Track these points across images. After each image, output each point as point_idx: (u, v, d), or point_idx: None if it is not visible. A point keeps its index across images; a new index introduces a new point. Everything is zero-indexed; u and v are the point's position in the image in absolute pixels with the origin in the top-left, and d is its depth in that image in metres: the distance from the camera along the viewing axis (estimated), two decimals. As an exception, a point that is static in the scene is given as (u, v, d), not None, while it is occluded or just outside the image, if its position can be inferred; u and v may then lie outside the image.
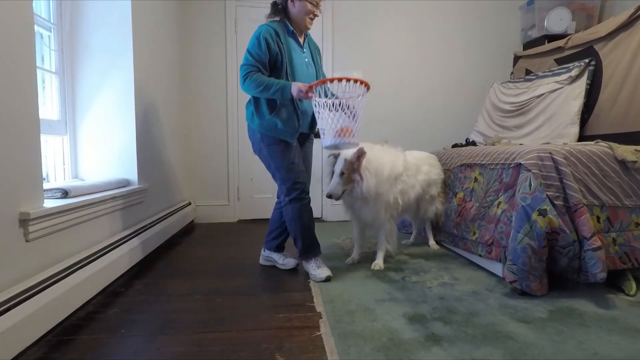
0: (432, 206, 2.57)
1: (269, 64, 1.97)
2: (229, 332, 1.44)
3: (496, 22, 3.88)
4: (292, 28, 2.07)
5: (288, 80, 1.97)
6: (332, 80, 1.88)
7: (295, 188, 2.04)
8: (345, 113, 1.87)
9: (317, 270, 2.03)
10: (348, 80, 1.88)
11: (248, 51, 1.96)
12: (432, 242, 2.66)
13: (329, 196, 2.04)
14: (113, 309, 1.65)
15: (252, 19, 3.57)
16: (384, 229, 2.23)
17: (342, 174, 2.03)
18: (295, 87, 1.88)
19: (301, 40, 2.13)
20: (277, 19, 2.09)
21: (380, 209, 2.16)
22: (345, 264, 2.28)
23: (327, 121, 1.88)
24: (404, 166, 2.30)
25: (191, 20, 3.50)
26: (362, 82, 1.90)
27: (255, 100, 2.05)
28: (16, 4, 1.36)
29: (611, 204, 1.87)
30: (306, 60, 2.12)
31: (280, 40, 2.00)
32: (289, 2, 2.06)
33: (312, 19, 2.10)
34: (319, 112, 1.91)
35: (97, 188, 1.96)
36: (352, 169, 2.03)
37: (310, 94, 1.88)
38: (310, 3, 2.04)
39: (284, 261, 2.24)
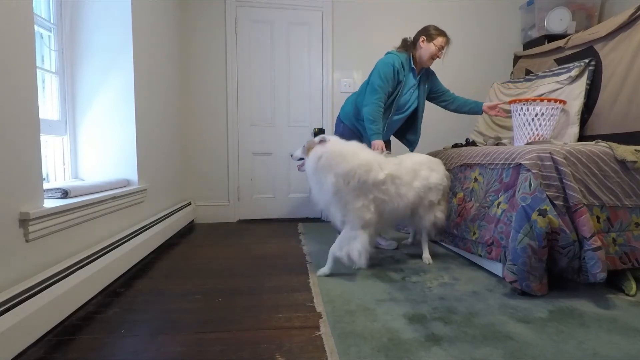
0: (429, 214, 2.26)
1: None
2: (229, 332, 1.44)
3: (496, 22, 3.88)
4: (413, 65, 2.44)
5: (394, 103, 2.42)
6: (526, 100, 2.58)
7: None
8: (530, 124, 2.52)
9: (385, 242, 2.60)
10: (539, 100, 2.56)
11: (384, 75, 2.32)
12: (426, 254, 2.35)
13: (290, 155, 2.28)
14: (113, 309, 1.65)
15: (252, 19, 3.58)
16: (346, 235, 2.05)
17: (303, 146, 2.19)
18: (376, 144, 2.31)
19: (417, 72, 2.49)
20: (406, 48, 2.45)
21: (337, 207, 2.01)
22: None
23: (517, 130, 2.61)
24: (391, 174, 2.07)
25: (191, 20, 3.50)
26: (555, 101, 2.53)
27: (358, 108, 2.48)
28: (16, 4, 1.36)
29: (611, 204, 1.87)
30: (411, 90, 2.49)
31: (404, 74, 2.38)
32: (420, 41, 2.41)
33: (433, 59, 2.45)
34: (520, 124, 2.58)
35: (97, 188, 1.96)
36: (310, 148, 2.10)
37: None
38: (437, 47, 2.40)
39: (387, 243, 2.64)
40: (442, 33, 2.41)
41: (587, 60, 2.72)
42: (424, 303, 1.69)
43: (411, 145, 2.75)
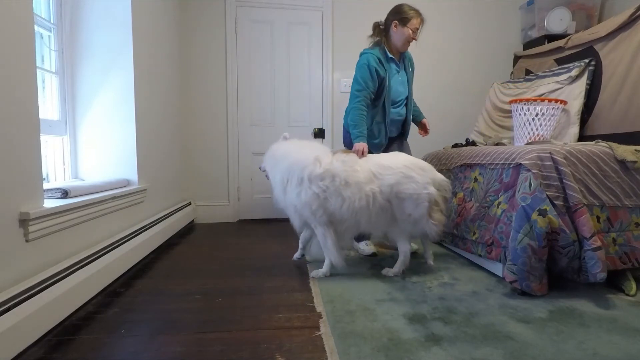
0: (415, 228, 2.03)
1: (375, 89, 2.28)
2: (229, 332, 1.44)
3: (496, 22, 3.88)
4: (390, 54, 2.31)
5: (385, 101, 2.30)
6: (528, 100, 2.61)
7: None
8: (530, 124, 2.54)
9: (366, 247, 2.47)
10: (542, 100, 2.58)
11: (361, 78, 2.24)
12: (428, 258, 2.21)
13: (259, 167, 2.35)
14: (113, 309, 1.65)
15: (252, 19, 3.58)
16: (316, 234, 2.05)
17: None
18: (357, 146, 2.15)
19: (397, 59, 2.36)
20: (378, 40, 2.34)
21: (290, 205, 2.05)
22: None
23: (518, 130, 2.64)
24: (330, 171, 1.95)
25: (191, 20, 3.50)
26: (556, 101, 2.57)
27: None
28: (16, 4, 1.36)
29: (611, 204, 1.87)
30: (400, 79, 2.37)
31: (384, 67, 2.26)
32: (392, 26, 2.28)
33: (409, 43, 2.30)
34: (520, 124, 2.61)
35: (97, 188, 1.96)
36: None
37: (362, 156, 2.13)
38: (412, 30, 2.25)
39: (364, 247, 2.51)
40: (416, 14, 2.24)
41: (587, 60, 2.73)
42: (424, 303, 1.69)
43: (406, 134, 2.57)
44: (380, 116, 2.35)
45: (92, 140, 2.23)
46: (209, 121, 3.60)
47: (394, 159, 2.06)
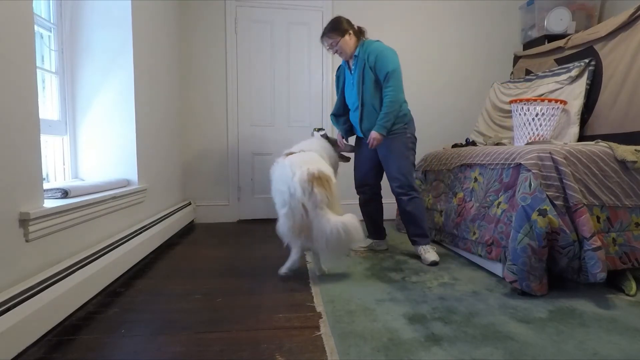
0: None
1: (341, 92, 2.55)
2: (229, 332, 1.44)
3: (496, 22, 3.88)
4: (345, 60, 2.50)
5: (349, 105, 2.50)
6: (528, 100, 2.63)
7: (357, 187, 2.58)
8: (530, 124, 2.55)
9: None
10: (542, 100, 2.60)
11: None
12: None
13: None
14: (113, 309, 1.65)
15: (252, 19, 3.58)
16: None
17: None
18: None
19: (350, 64, 2.46)
20: None
21: None
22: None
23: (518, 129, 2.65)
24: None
25: (191, 20, 3.50)
26: (556, 101, 2.58)
27: None
28: (16, 4, 1.36)
29: (611, 204, 1.87)
30: (352, 82, 2.42)
31: (340, 73, 2.56)
32: None
33: (336, 54, 2.46)
34: (520, 124, 2.63)
35: (97, 188, 1.96)
36: None
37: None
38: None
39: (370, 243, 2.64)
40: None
41: (587, 60, 2.73)
42: (424, 303, 1.69)
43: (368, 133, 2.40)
44: (347, 115, 2.55)
45: (92, 140, 2.23)
46: (209, 121, 3.60)
47: (293, 156, 2.06)
